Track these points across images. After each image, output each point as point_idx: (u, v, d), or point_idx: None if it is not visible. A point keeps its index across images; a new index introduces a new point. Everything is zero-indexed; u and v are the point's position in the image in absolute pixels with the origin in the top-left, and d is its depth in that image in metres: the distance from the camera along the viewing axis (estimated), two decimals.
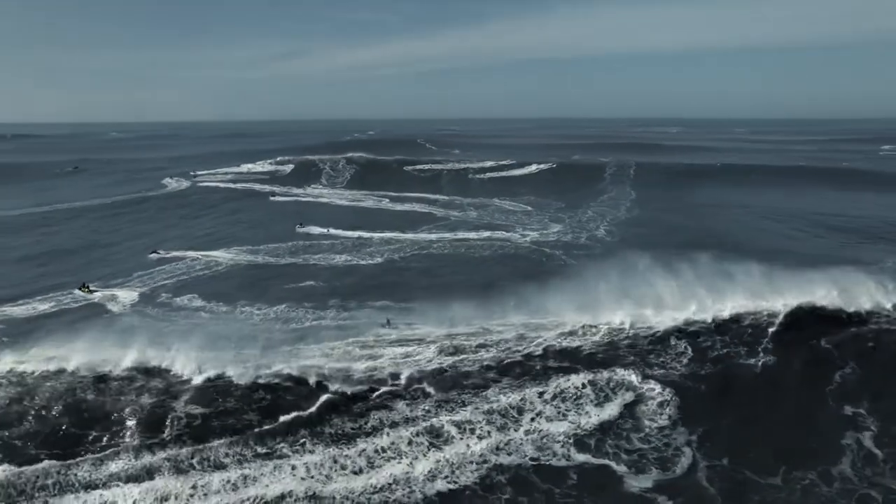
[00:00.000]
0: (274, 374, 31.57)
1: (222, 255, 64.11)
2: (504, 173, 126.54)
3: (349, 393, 30.00)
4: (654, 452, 26.95)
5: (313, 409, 28.94)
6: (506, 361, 32.80)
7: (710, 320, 36.11)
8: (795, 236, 70.25)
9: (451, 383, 31.04)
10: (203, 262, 61.57)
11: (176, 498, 22.58)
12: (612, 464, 26.37)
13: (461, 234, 74.00)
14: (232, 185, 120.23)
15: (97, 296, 50.47)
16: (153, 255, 63.66)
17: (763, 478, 25.62)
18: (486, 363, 32.59)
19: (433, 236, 73.74)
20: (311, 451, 26.05)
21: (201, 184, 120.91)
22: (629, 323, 36.17)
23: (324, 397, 29.75)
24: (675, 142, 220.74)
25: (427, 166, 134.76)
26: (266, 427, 27.70)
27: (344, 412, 28.71)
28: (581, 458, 26.54)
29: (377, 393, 30.10)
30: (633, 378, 30.76)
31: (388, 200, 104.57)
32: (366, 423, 27.72)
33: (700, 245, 63.69)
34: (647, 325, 35.85)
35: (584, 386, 29.92)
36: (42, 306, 48.30)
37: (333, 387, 30.31)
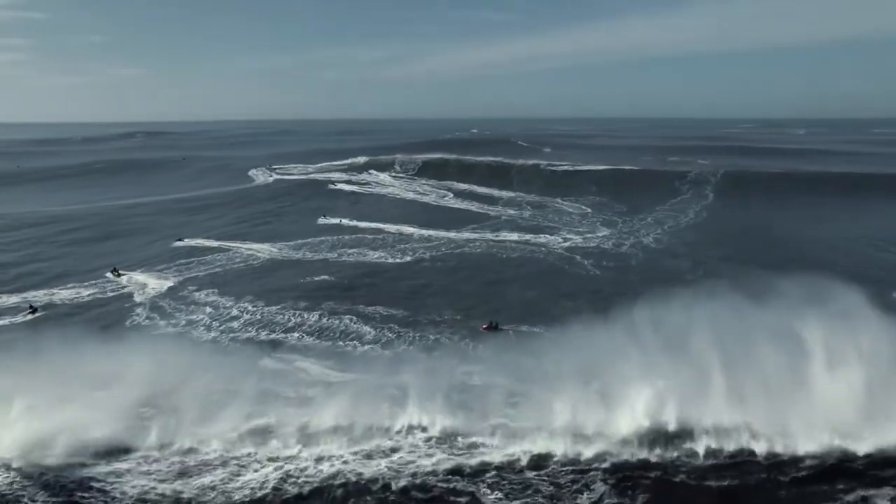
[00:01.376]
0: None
1: (266, 249, 65.94)
2: (580, 168, 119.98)
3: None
4: (551, 488, 23.43)
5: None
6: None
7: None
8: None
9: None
10: (245, 254, 63.81)
11: None
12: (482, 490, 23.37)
13: (501, 236, 71.27)
14: (311, 178, 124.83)
15: (123, 280, 54.18)
16: (178, 243, 67.92)
17: None
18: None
19: (475, 235, 71.77)
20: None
21: (284, 177, 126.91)
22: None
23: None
24: (795, 145, 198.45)
25: (502, 164, 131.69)
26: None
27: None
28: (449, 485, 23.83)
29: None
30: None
31: (451, 196, 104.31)
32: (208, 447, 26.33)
33: (742, 264, 56.43)
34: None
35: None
36: (86, 291, 51.70)
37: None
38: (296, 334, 40.15)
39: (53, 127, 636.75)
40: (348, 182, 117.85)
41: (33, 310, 46.23)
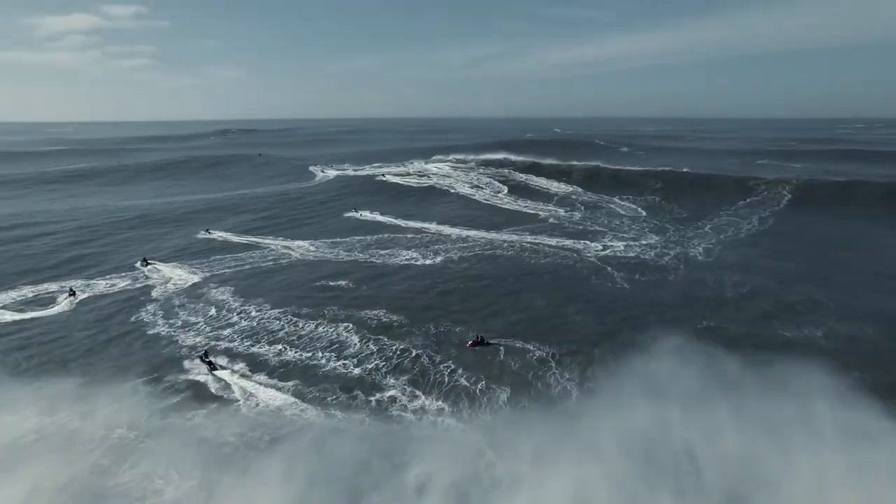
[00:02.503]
0: None
1: (302, 246, 66.30)
2: (646, 168, 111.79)
3: None
4: None
5: None
6: None
7: None
8: None
9: None
10: (279, 252, 64.12)
11: None
12: None
13: (539, 239, 67.42)
14: (370, 175, 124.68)
15: (151, 270, 56.33)
16: (202, 235, 70.62)
17: None
18: None
19: (514, 237, 68.66)
20: None
21: (342, 173, 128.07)
22: None
23: None
24: None
25: (567, 162, 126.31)
26: None
27: None
28: None
29: None
30: None
31: (505, 191, 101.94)
32: None
33: (792, 285, 49.20)
34: None
35: None
36: (122, 283, 53.54)
37: None
38: (279, 346, 38.26)
39: (169, 125, 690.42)
40: (405, 176, 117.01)
41: (72, 292, 48.82)
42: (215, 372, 34.30)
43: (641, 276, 51.02)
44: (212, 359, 35.74)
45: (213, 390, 32.24)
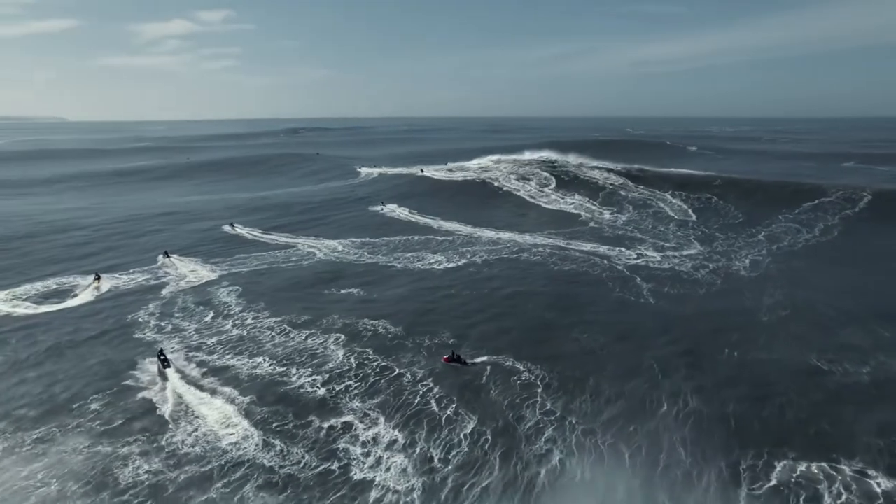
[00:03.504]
0: None
1: (329, 246, 65.33)
2: (707, 173, 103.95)
3: None
4: None
5: None
6: None
7: None
8: None
9: None
10: (304, 251, 63.23)
11: None
12: None
13: (574, 243, 63.31)
14: (415, 174, 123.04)
15: (166, 262, 57.28)
16: (227, 229, 72.35)
17: None
18: None
19: (547, 241, 65.03)
20: None
21: (388, 171, 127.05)
22: None
23: None
24: None
25: (622, 166, 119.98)
26: None
27: None
28: None
29: None
30: None
31: (553, 184, 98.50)
32: None
33: (840, 311, 42.19)
34: None
35: None
36: (141, 277, 54.02)
37: None
38: (259, 359, 35.60)
39: (248, 122, 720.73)
40: (448, 173, 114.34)
41: (97, 277, 50.62)
42: (167, 369, 32.91)
43: (671, 290, 45.74)
44: (167, 356, 34.34)
45: (159, 412, 29.57)
